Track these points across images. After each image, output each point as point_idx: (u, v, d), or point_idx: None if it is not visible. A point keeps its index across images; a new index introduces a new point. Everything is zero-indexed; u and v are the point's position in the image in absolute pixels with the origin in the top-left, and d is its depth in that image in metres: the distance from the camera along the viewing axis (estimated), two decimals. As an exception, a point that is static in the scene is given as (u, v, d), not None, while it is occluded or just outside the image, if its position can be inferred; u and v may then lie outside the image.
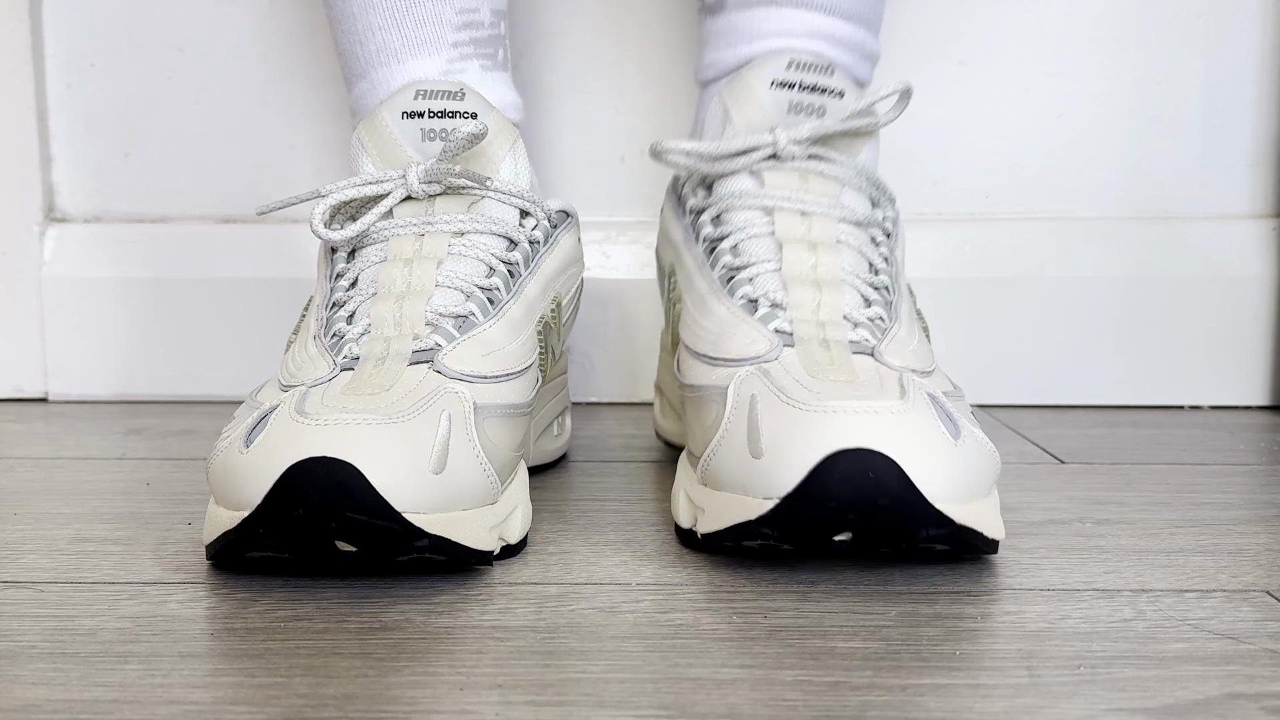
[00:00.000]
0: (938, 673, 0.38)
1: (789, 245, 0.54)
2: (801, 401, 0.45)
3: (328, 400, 0.46)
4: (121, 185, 0.85)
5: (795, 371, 0.48)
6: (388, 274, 0.54)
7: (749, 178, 0.57)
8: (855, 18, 0.60)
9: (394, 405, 0.46)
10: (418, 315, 0.52)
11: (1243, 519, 0.56)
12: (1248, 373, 0.83)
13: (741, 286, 0.54)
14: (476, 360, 0.51)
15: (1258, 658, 0.39)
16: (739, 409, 0.47)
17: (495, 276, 0.55)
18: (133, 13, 0.83)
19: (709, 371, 0.51)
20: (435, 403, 0.47)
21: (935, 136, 0.83)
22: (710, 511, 0.48)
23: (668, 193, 0.62)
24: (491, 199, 0.57)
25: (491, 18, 0.64)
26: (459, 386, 0.48)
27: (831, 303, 0.52)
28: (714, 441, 0.48)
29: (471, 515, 0.46)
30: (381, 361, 0.50)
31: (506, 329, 0.53)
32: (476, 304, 0.53)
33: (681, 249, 0.58)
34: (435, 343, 0.51)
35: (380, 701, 0.36)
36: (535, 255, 0.58)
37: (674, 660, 0.39)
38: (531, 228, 0.58)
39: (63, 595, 0.45)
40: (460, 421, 0.47)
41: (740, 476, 0.46)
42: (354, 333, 0.52)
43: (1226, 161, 0.83)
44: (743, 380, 0.48)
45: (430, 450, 0.45)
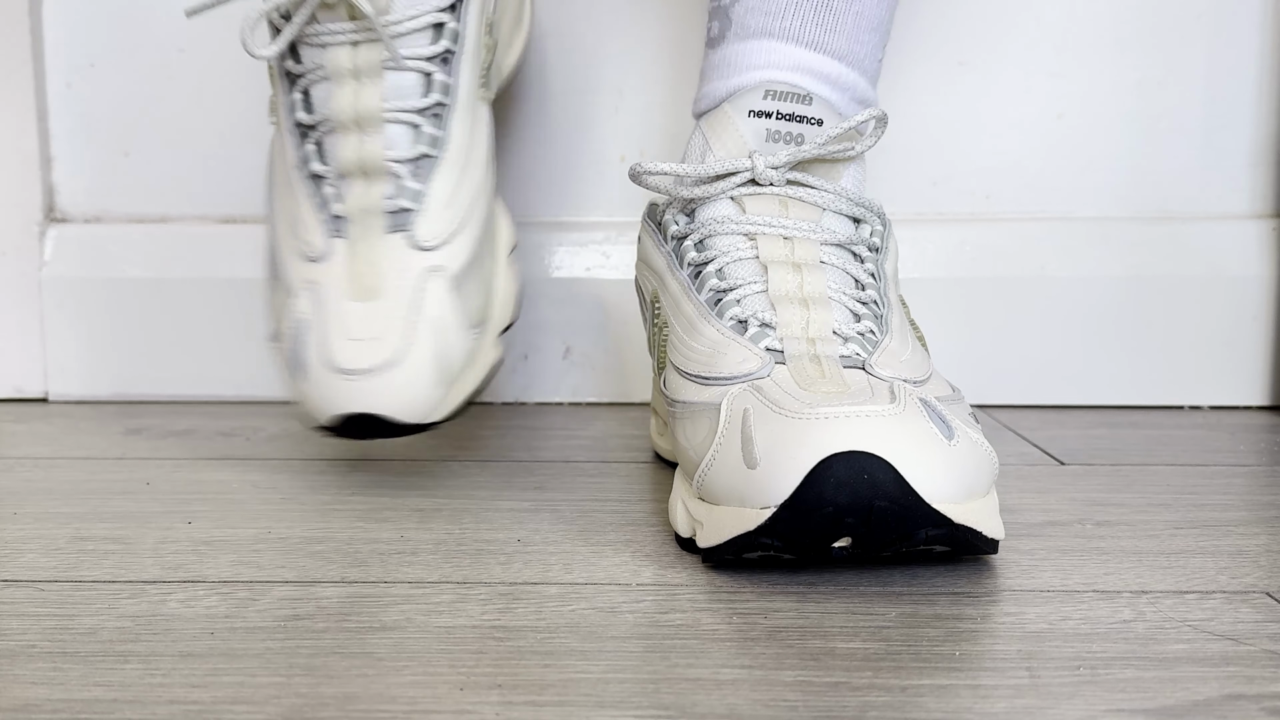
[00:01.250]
0: (938, 674, 0.38)
1: (774, 267, 0.55)
2: (793, 411, 0.45)
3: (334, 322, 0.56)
4: (121, 185, 0.85)
5: (787, 385, 0.48)
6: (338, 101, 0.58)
7: (730, 204, 0.57)
8: (846, 58, 0.61)
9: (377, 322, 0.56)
10: (377, 163, 0.58)
11: (1243, 520, 0.56)
12: (1248, 373, 0.83)
13: (730, 308, 0.54)
14: (442, 216, 0.58)
15: (1258, 659, 0.39)
16: (732, 423, 0.47)
17: (433, 89, 0.59)
18: (133, 13, 0.83)
19: (700, 390, 0.51)
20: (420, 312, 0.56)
21: (935, 136, 0.83)
22: (709, 525, 0.48)
23: (644, 221, 0.62)
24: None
25: None
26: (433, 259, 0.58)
27: (820, 319, 0.52)
28: (708, 456, 0.48)
29: None
30: (367, 232, 0.57)
31: (457, 142, 0.59)
32: (425, 140, 0.59)
33: (665, 275, 0.58)
34: (403, 205, 0.58)
35: (380, 701, 0.36)
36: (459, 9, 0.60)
37: (674, 661, 0.39)
38: None
39: (63, 594, 0.45)
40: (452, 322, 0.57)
41: (737, 488, 0.46)
42: (329, 173, 0.58)
43: (1226, 161, 0.83)
44: (735, 397, 0.48)
45: None
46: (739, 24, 0.61)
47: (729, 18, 0.62)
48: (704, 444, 0.49)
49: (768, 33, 0.60)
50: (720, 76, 0.62)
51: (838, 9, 0.60)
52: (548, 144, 0.84)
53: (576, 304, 0.83)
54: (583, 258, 0.84)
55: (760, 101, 0.58)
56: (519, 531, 0.53)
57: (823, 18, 0.60)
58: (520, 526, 0.54)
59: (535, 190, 0.84)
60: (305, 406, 0.57)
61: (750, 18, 0.61)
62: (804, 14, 0.60)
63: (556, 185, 0.84)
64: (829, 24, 0.60)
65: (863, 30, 0.61)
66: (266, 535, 0.53)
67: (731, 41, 0.62)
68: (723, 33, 0.62)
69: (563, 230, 0.84)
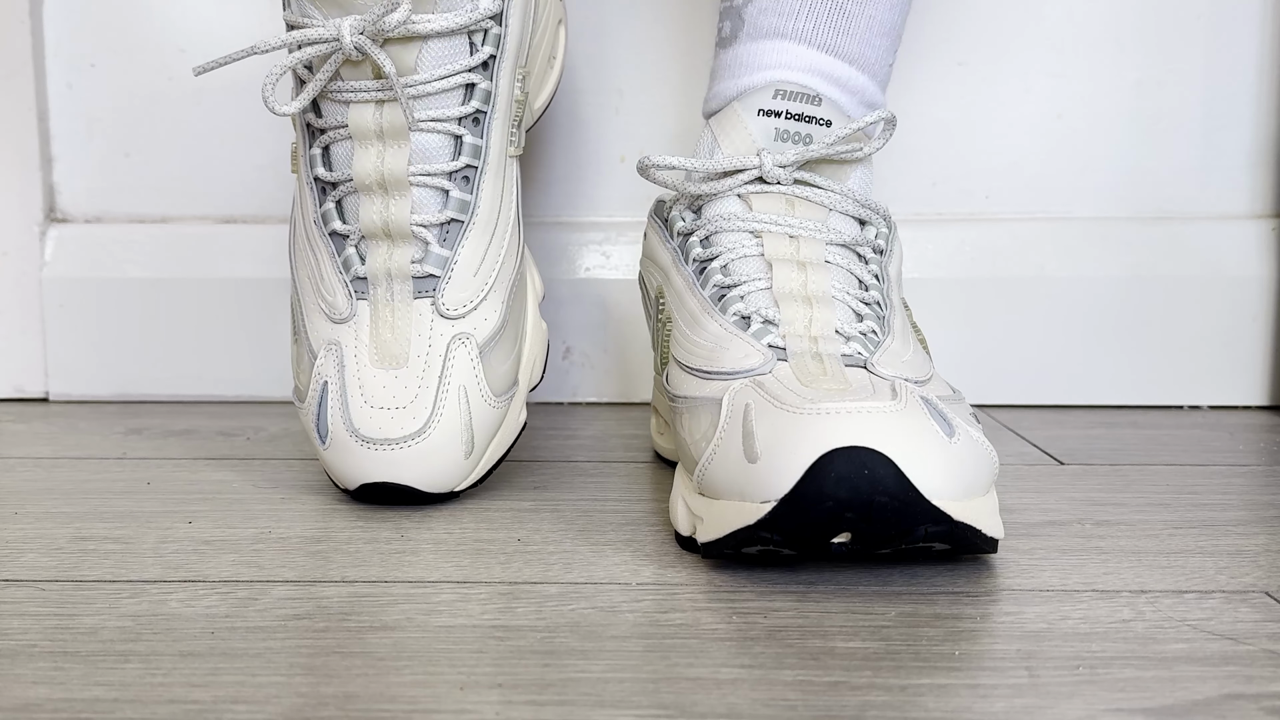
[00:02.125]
0: (937, 673, 0.38)
1: (778, 264, 0.55)
2: (794, 406, 0.45)
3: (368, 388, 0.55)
4: (121, 185, 0.85)
5: (789, 381, 0.48)
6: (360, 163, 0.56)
7: (737, 201, 0.57)
8: (857, 62, 0.61)
9: (402, 392, 0.55)
10: (403, 227, 0.56)
11: (1242, 520, 0.56)
12: (1247, 373, 0.83)
13: (733, 304, 0.54)
14: (468, 285, 0.57)
15: (1257, 658, 0.40)
16: (733, 417, 0.47)
17: (462, 152, 0.57)
18: (133, 13, 0.84)
19: (702, 385, 0.52)
20: (447, 380, 0.56)
21: (935, 136, 0.83)
22: (709, 520, 0.48)
23: (651, 217, 0.62)
24: (436, 40, 0.55)
25: None
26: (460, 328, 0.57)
27: (823, 318, 0.52)
28: (709, 450, 0.48)
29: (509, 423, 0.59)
30: (391, 298, 0.56)
31: (485, 210, 0.58)
32: (453, 206, 0.57)
33: (670, 270, 0.59)
34: (429, 271, 0.57)
35: (380, 701, 0.36)
36: (490, 66, 0.57)
37: (674, 660, 0.39)
38: (482, 25, 0.56)
39: (63, 594, 0.45)
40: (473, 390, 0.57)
41: (737, 483, 0.46)
42: (351, 232, 0.57)
43: (1226, 161, 0.83)
44: (737, 391, 0.48)
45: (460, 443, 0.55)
46: (751, 24, 0.61)
47: (741, 18, 0.62)
48: (705, 438, 0.49)
49: (780, 33, 0.60)
50: (731, 76, 0.62)
51: (850, 12, 0.60)
52: (548, 144, 0.84)
53: (576, 304, 0.84)
54: (583, 258, 0.84)
55: (770, 101, 0.58)
56: (519, 531, 0.53)
57: (835, 20, 0.60)
58: (520, 526, 0.54)
59: (535, 190, 0.84)
60: (329, 471, 0.57)
61: (763, 18, 0.61)
62: (817, 16, 0.60)
63: (556, 185, 0.85)
64: (841, 27, 0.60)
65: (874, 34, 0.61)
66: (266, 535, 0.53)
67: (743, 41, 0.62)
68: (734, 33, 0.62)
69: (563, 230, 0.84)
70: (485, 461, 0.58)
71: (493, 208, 0.58)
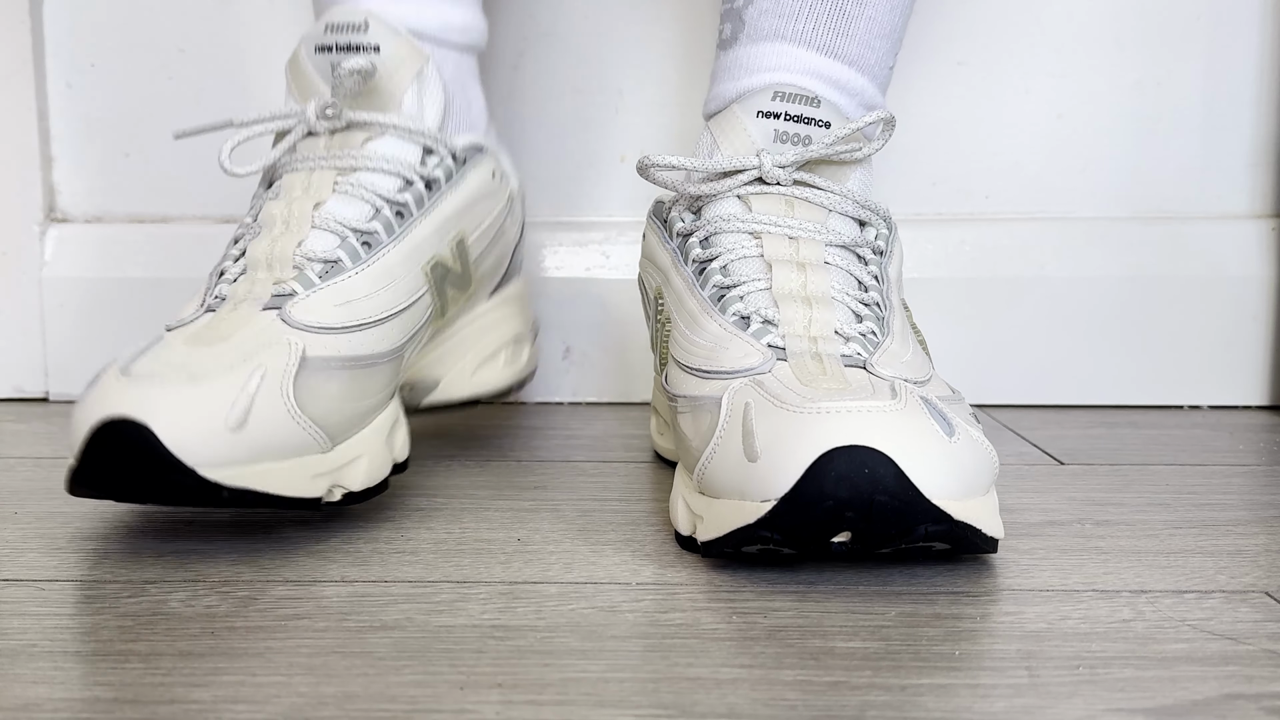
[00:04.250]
0: (937, 673, 0.38)
1: (778, 265, 0.54)
2: (794, 405, 0.45)
3: (161, 354, 0.49)
4: (121, 185, 0.85)
5: (788, 380, 0.48)
6: (271, 211, 0.55)
7: (737, 202, 0.57)
8: (857, 64, 0.61)
9: (216, 359, 0.48)
10: (287, 257, 0.53)
11: (1242, 520, 0.56)
12: (1248, 373, 0.83)
13: (733, 304, 0.54)
14: (328, 310, 0.52)
15: (1257, 658, 0.40)
16: (733, 416, 0.47)
17: (377, 219, 0.56)
18: (133, 13, 0.84)
19: (701, 384, 0.51)
20: (256, 357, 0.49)
21: (935, 136, 0.83)
22: (709, 519, 0.48)
23: (650, 218, 0.62)
24: (390, 135, 0.57)
25: None
26: (294, 337, 0.50)
27: (823, 319, 0.52)
28: (709, 449, 0.48)
29: (287, 465, 0.48)
30: (238, 305, 0.52)
31: (375, 276, 0.55)
32: (347, 250, 0.54)
33: (670, 271, 0.59)
34: (293, 289, 0.52)
35: (380, 700, 0.36)
36: (433, 194, 0.58)
37: (674, 660, 0.39)
38: (433, 166, 0.58)
39: (63, 594, 0.45)
40: (276, 377, 0.48)
41: (737, 481, 0.46)
42: (234, 270, 0.54)
43: (1226, 162, 0.83)
44: (736, 391, 0.48)
45: (229, 407, 0.46)
46: (752, 26, 0.61)
47: (742, 20, 0.62)
48: (705, 437, 0.49)
49: (780, 35, 0.60)
50: (731, 78, 0.62)
51: (851, 14, 0.60)
52: (548, 144, 0.84)
53: (576, 304, 0.83)
54: (583, 258, 0.84)
55: (768, 103, 0.58)
56: (519, 531, 0.53)
57: (835, 23, 0.60)
58: (520, 526, 0.54)
59: (535, 190, 0.84)
60: (71, 427, 0.48)
61: (763, 20, 0.61)
62: (817, 17, 0.60)
63: (556, 185, 0.84)
64: (841, 29, 0.60)
65: (874, 36, 0.61)
66: (266, 535, 0.53)
67: (743, 44, 0.62)
68: (735, 35, 0.62)
69: (563, 230, 0.84)
70: (247, 461, 0.47)
71: (383, 283, 0.55)
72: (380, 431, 0.53)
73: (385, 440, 0.53)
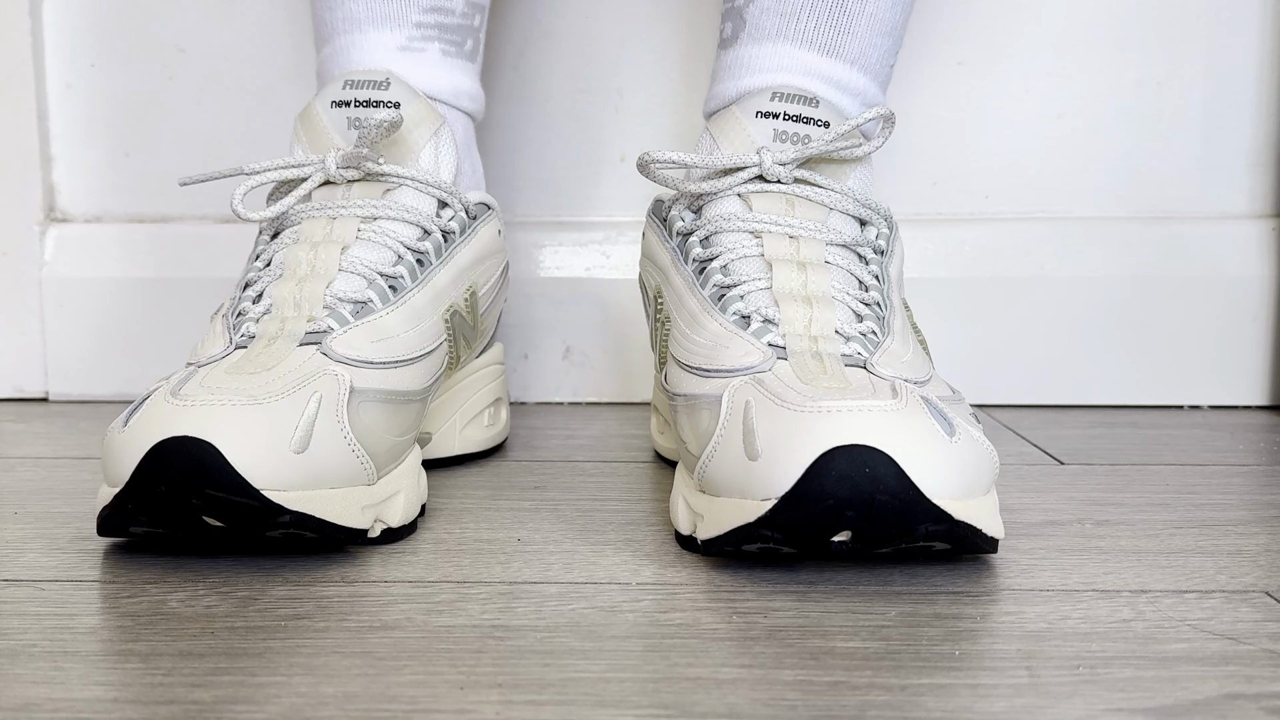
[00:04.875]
0: (937, 673, 0.38)
1: (778, 265, 0.54)
2: (795, 404, 0.45)
3: (207, 381, 0.48)
4: (121, 185, 0.85)
5: (789, 379, 0.48)
6: (294, 255, 0.56)
7: (737, 201, 0.57)
8: (858, 62, 0.61)
9: (267, 385, 0.47)
10: (316, 297, 0.53)
11: (1242, 520, 0.56)
12: (1248, 373, 0.83)
13: (733, 304, 0.54)
14: (366, 345, 0.52)
15: (1257, 658, 0.40)
16: (734, 415, 0.47)
17: (401, 264, 0.56)
18: (133, 13, 0.84)
19: (701, 383, 0.51)
20: (310, 384, 0.48)
21: (935, 136, 0.83)
22: (709, 517, 0.48)
23: (649, 217, 0.63)
24: (409, 187, 0.59)
25: (465, 8, 0.65)
26: (340, 369, 0.50)
27: (823, 318, 0.52)
28: (709, 448, 0.48)
29: (340, 494, 0.48)
30: (273, 341, 0.51)
31: (405, 316, 0.55)
32: (376, 291, 0.55)
33: (670, 270, 0.59)
34: (329, 325, 0.52)
35: (381, 700, 0.36)
36: (449, 245, 0.59)
37: (674, 660, 0.39)
38: (448, 218, 0.60)
39: (63, 594, 0.45)
40: (331, 404, 0.48)
41: (738, 480, 0.46)
42: (256, 311, 0.54)
43: (1226, 161, 0.83)
44: (737, 389, 0.48)
45: (293, 430, 0.46)
46: (753, 25, 0.61)
47: (743, 19, 0.62)
48: (705, 436, 0.49)
49: (781, 35, 0.61)
50: (731, 78, 0.62)
51: (852, 11, 0.61)
52: (548, 144, 0.84)
53: (576, 304, 0.83)
54: (583, 258, 0.84)
55: (768, 103, 0.58)
56: (519, 531, 0.53)
57: (837, 20, 0.61)
58: (520, 526, 0.54)
59: (535, 190, 0.84)
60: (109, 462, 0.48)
61: (764, 19, 0.61)
62: (818, 16, 0.60)
63: (556, 185, 0.84)
64: (843, 26, 0.61)
65: (875, 34, 0.61)
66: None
67: (745, 44, 0.62)
68: (736, 34, 0.62)
69: (563, 230, 0.84)
70: (306, 485, 0.46)
71: (412, 324, 0.55)
72: (413, 470, 0.54)
73: (416, 479, 0.54)
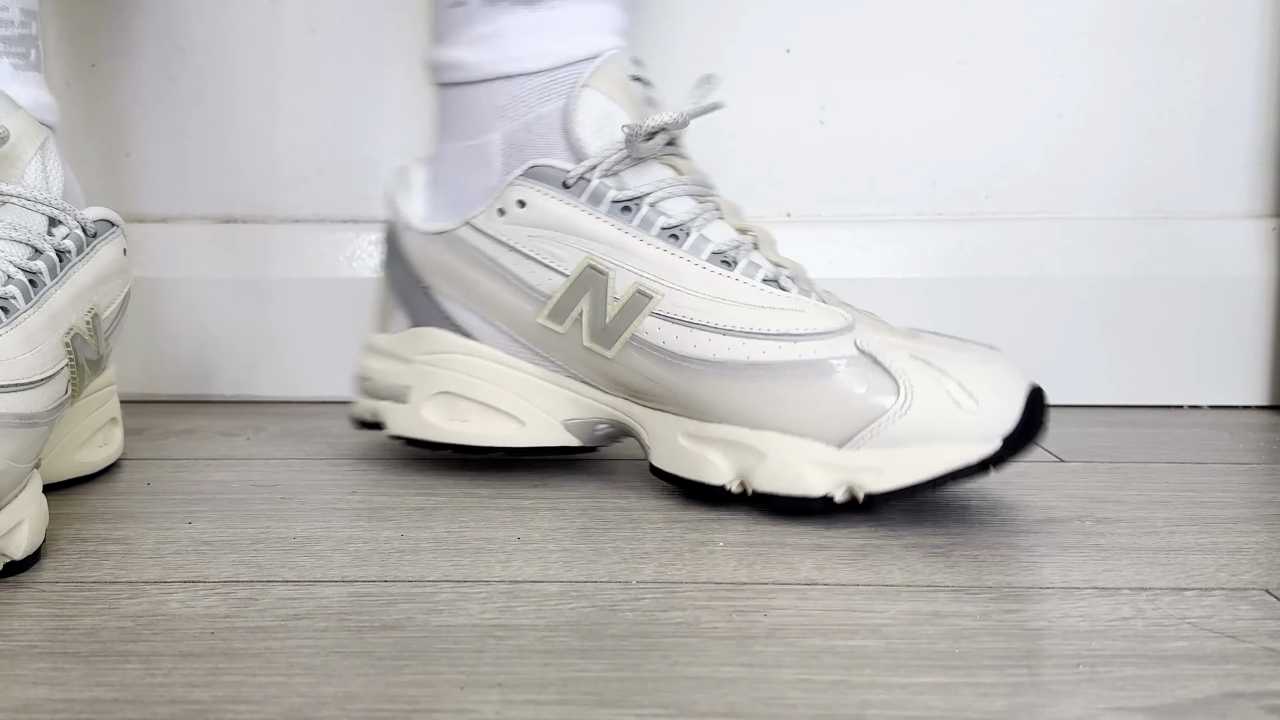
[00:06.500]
0: (937, 671, 0.38)
1: (730, 220, 0.58)
2: (941, 356, 0.53)
3: None
4: (121, 185, 0.85)
5: (882, 333, 0.55)
6: None
7: (662, 166, 0.59)
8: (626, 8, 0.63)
9: None
10: None
11: (1242, 518, 0.56)
12: (1247, 373, 0.83)
13: (744, 268, 0.56)
14: None
15: (1257, 656, 0.40)
16: (910, 371, 0.52)
17: (12, 285, 0.53)
18: (133, 13, 0.84)
19: (789, 348, 0.54)
20: None
21: (935, 136, 0.83)
22: (893, 469, 0.52)
23: (540, 185, 0.59)
24: (14, 204, 0.56)
25: (22, 17, 0.62)
26: None
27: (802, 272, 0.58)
28: (897, 403, 0.52)
29: None
30: None
31: (20, 340, 0.52)
32: None
33: (617, 240, 0.57)
34: None
35: (381, 700, 0.36)
36: (65, 265, 0.56)
37: (674, 659, 0.39)
38: (62, 236, 0.57)
39: (63, 594, 0.45)
40: None
41: (944, 426, 0.51)
42: None
43: (1226, 162, 0.83)
44: (881, 347, 0.53)
45: None
46: None
47: None
48: (863, 395, 0.52)
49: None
50: (564, 36, 0.60)
51: None
52: (547, 144, 0.84)
53: (576, 304, 0.83)
54: (583, 258, 0.84)
55: (631, 66, 0.60)
56: (519, 529, 0.53)
57: None
58: (520, 524, 0.54)
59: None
60: None
61: None
62: None
63: (556, 185, 0.84)
64: None
65: None
66: (266, 535, 0.53)
67: (565, 4, 0.60)
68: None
69: (563, 230, 0.84)
70: None
71: (28, 349, 0.52)
72: (35, 497, 0.50)
73: (39, 507, 0.50)
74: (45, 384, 0.52)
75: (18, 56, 0.62)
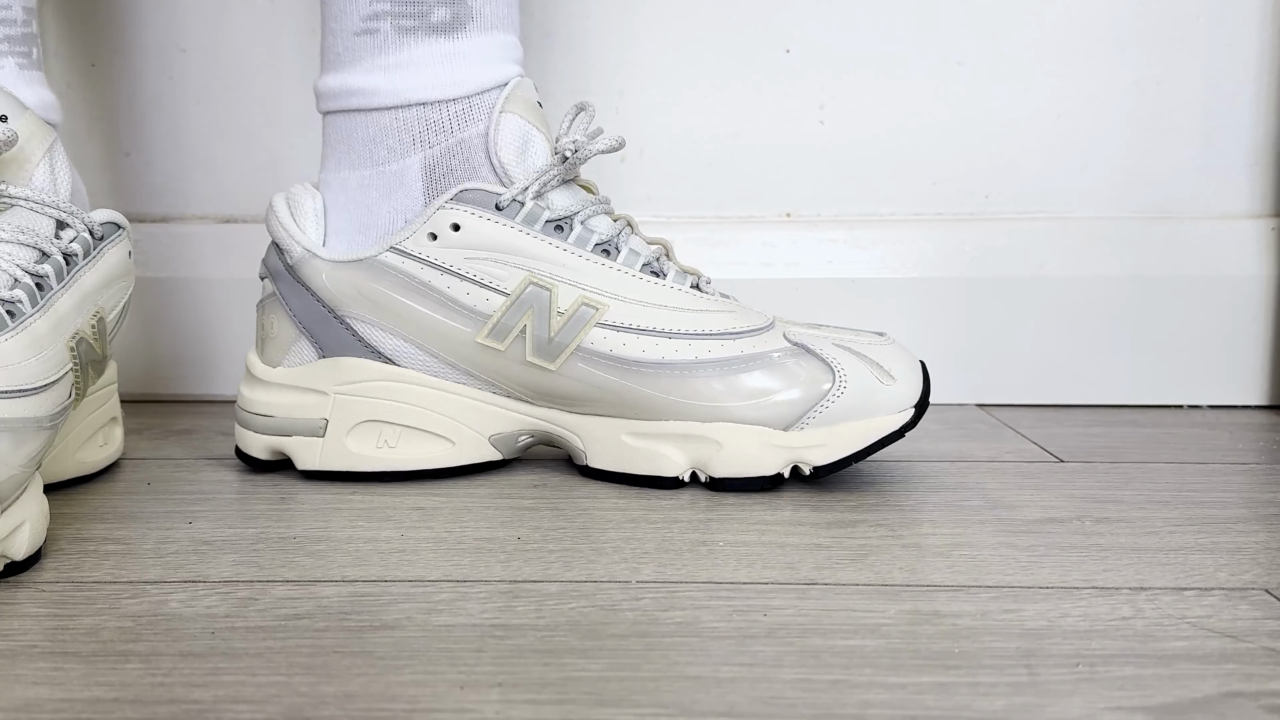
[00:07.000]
0: (937, 671, 0.38)
1: (643, 235, 0.62)
2: (864, 341, 0.60)
3: None
4: (121, 185, 0.85)
5: (804, 326, 0.62)
6: None
7: (574, 187, 0.62)
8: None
9: None
10: None
11: (1241, 518, 0.56)
12: (1247, 373, 0.83)
13: (674, 276, 0.61)
14: None
15: (1256, 656, 0.40)
16: (844, 358, 0.59)
17: (19, 289, 0.53)
18: (134, 13, 0.84)
19: (731, 344, 0.59)
20: None
21: (935, 136, 0.83)
22: (835, 442, 0.58)
23: (470, 208, 0.60)
24: (22, 207, 0.56)
25: (24, 15, 0.62)
26: None
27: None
28: (835, 386, 0.58)
29: None
30: None
31: (25, 344, 0.51)
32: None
33: (557, 257, 0.60)
34: None
35: (381, 700, 0.36)
36: (72, 269, 0.56)
37: (673, 659, 0.39)
38: (69, 240, 0.57)
39: (64, 594, 0.45)
40: None
41: (873, 402, 0.58)
42: None
43: (1226, 161, 0.83)
44: (807, 338, 0.59)
45: None
46: (479, 14, 0.62)
47: (466, 4, 0.61)
48: (809, 380, 0.58)
49: (506, 25, 0.63)
50: (484, 64, 0.62)
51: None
52: (547, 144, 0.84)
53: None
54: (582, 258, 0.84)
55: (534, 91, 0.62)
56: (519, 529, 0.53)
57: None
58: (520, 524, 0.54)
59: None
60: None
61: (488, 8, 0.62)
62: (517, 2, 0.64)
63: (556, 185, 0.84)
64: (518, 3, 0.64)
65: None
66: (266, 535, 0.53)
67: (477, 33, 0.62)
68: (460, 20, 0.61)
69: (562, 230, 0.84)
70: None
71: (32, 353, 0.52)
72: (36, 498, 0.50)
73: (39, 508, 0.50)
74: (50, 389, 0.52)
75: (21, 55, 0.62)
